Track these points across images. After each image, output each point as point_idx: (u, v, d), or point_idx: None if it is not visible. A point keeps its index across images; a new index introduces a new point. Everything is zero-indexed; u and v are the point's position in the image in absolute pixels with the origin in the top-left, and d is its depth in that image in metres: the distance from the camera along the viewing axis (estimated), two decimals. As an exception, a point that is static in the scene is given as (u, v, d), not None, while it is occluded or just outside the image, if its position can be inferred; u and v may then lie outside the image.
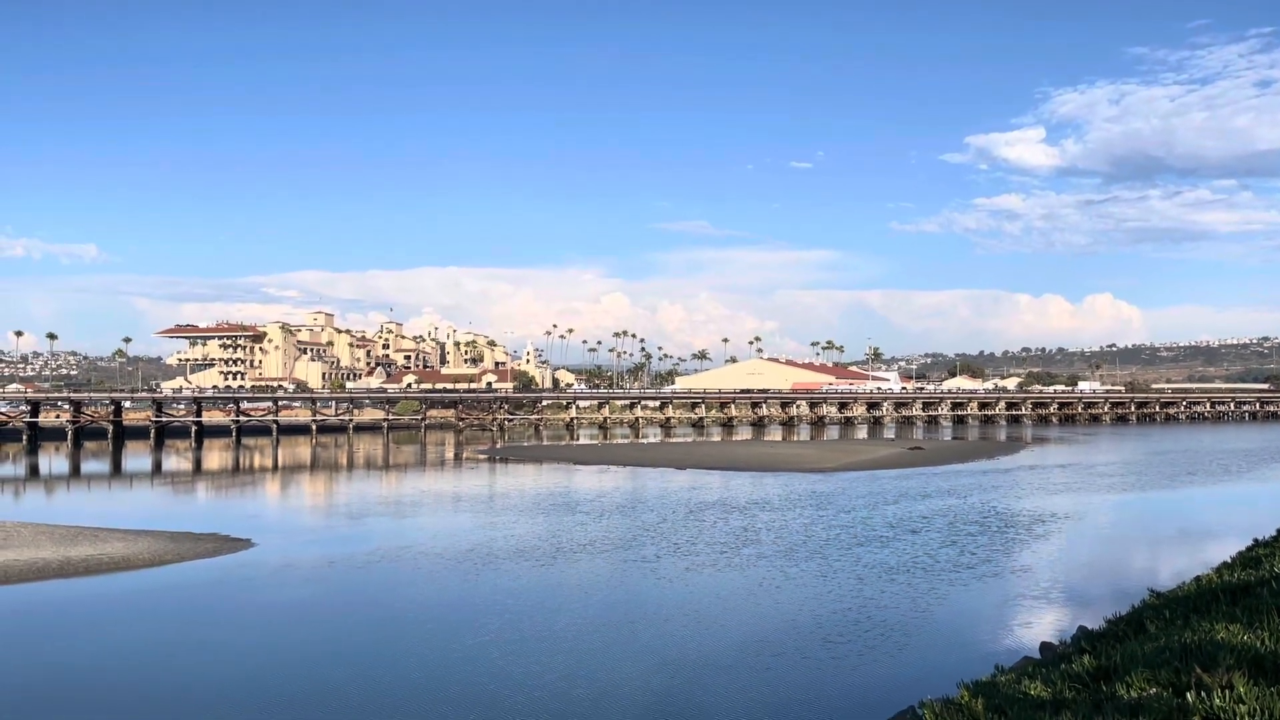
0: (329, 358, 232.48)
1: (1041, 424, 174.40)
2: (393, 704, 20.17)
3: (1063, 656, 14.38)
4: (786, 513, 49.82)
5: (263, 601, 30.80)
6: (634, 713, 19.64)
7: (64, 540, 39.42)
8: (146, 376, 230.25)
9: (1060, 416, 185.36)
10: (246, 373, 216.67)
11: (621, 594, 31.10)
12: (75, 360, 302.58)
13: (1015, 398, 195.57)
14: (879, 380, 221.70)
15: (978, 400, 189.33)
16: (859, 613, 27.80)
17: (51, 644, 25.55)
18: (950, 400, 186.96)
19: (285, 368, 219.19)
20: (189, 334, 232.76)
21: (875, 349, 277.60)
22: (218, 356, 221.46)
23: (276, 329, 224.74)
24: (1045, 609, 28.99)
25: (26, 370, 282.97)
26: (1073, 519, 48.21)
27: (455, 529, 45.59)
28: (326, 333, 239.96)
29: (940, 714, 10.93)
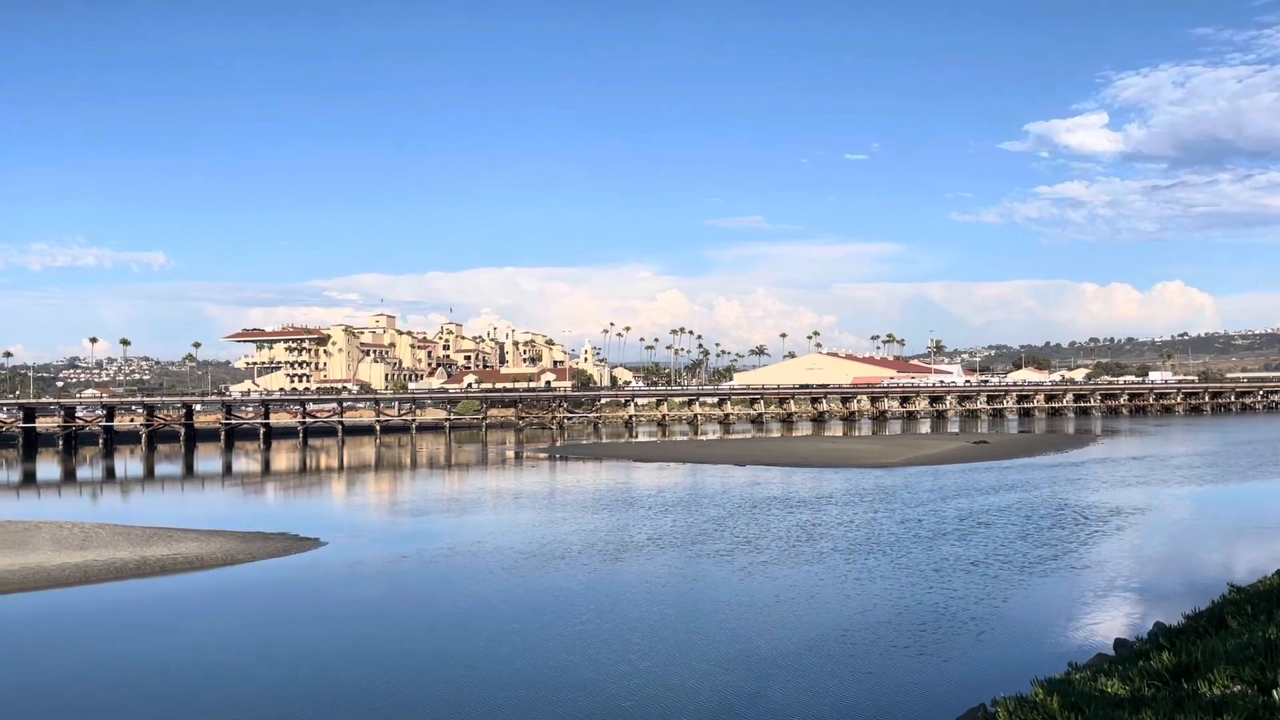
0: (391, 359, 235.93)
1: (1111, 416, 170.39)
2: (460, 701, 20.41)
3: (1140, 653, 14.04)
4: (850, 508, 49.36)
5: (333, 599, 31.37)
6: (701, 709, 19.62)
7: (140, 541, 40.57)
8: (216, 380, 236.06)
9: (1130, 408, 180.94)
10: (311, 375, 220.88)
11: (686, 591, 31.08)
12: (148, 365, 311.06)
13: (1083, 389, 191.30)
14: (942, 374, 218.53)
15: (1044, 392, 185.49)
16: (927, 608, 27.44)
17: (132, 642, 26.33)
18: (1015, 393, 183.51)
19: (349, 370, 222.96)
20: (256, 338, 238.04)
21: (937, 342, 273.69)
22: (284, 359, 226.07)
23: (340, 332, 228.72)
24: (1119, 605, 28.33)
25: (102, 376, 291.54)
26: (1146, 513, 47.04)
27: (518, 526, 45.98)
28: (388, 334, 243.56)
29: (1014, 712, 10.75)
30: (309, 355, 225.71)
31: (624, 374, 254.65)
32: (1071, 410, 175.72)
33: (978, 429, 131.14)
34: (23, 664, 24.24)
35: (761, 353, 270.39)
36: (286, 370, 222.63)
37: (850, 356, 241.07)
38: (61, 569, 34.65)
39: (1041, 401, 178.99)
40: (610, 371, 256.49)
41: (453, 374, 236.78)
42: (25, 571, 34.10)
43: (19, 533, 42.19)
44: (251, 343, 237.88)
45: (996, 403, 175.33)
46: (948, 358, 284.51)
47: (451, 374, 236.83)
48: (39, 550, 37.93)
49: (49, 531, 42.56)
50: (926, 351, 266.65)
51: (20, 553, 37.33)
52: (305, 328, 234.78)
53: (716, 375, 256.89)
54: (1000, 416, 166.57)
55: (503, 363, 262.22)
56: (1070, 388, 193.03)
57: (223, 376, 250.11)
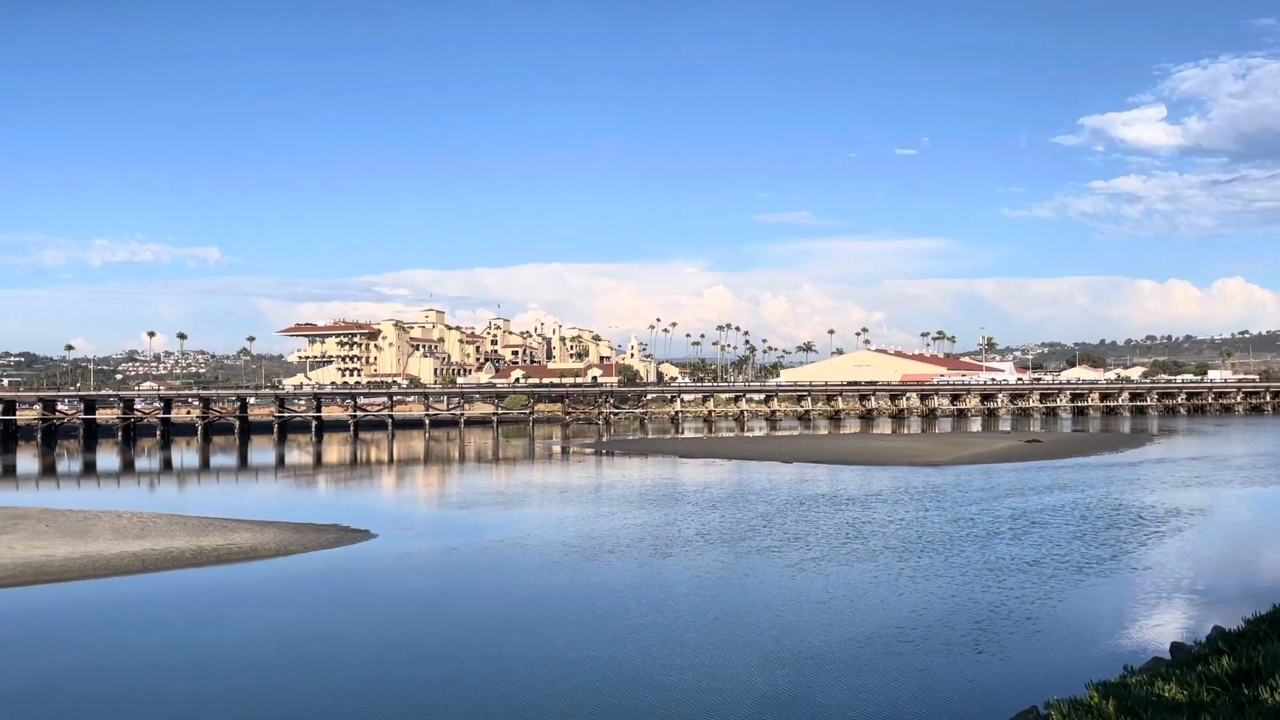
0: (440, 354, 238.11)
1: (1168, 415, 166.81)
2: (508, 693, 20.58)
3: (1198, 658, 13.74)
4: (900, 506, 48.90)
5: (384, 590, 31.78)
6: (748, 707, 19.57)
7: (196, 530, 41.43)
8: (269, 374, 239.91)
9: (1189, 407, 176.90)
10: (362, 369, 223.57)
11: (736, 586, 31.03)
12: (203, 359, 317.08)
13: (1139, 388, 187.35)
14: (993, 371, 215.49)
15: (1099, 391, 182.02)
16: (978, 609, 27.10)
17: (189, 630, 26.88)
18: (1069, 391, 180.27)
19: (399, 364, 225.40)
20: (308, 333, 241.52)
21: (988, 339, 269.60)
22: (335, 354, 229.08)
23: (390, 327, 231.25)
24: (1176, 608, 27.76)
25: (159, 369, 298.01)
26: (1205, 514, 46.01)
27: (566, 520, 46.20)
28: (437, 329, 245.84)
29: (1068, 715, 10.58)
30: (359, 350, 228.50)
31: (670, 370, 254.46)
32: (1127, 409, 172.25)
33: (1030, 428, 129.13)
34: (85, 650, 24.90)
35: (809, 349, 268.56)
36: (338, 364, 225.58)
37: (899, 353, 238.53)
38: (120, 557, 35.51)
39: (1096, 400, 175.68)
40: (656, 367, 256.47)
41: (500, 369, 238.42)
42: (86, 559, 34.99)
43: (80, 522, 43.31)
44: (304, 337, 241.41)
45: (1050, 401, 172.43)
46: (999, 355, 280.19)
47: (499, 369, 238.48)
48: (99, 539, 38.90)
49: (109, 521, 43.64)
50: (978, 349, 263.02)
51: (81, 541, 38.32)
52: (356, 322, 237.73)
53: (763, 372, 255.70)
54: (1054, 415, 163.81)
55: (549, 358, 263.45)
56: (1126, 386, 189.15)
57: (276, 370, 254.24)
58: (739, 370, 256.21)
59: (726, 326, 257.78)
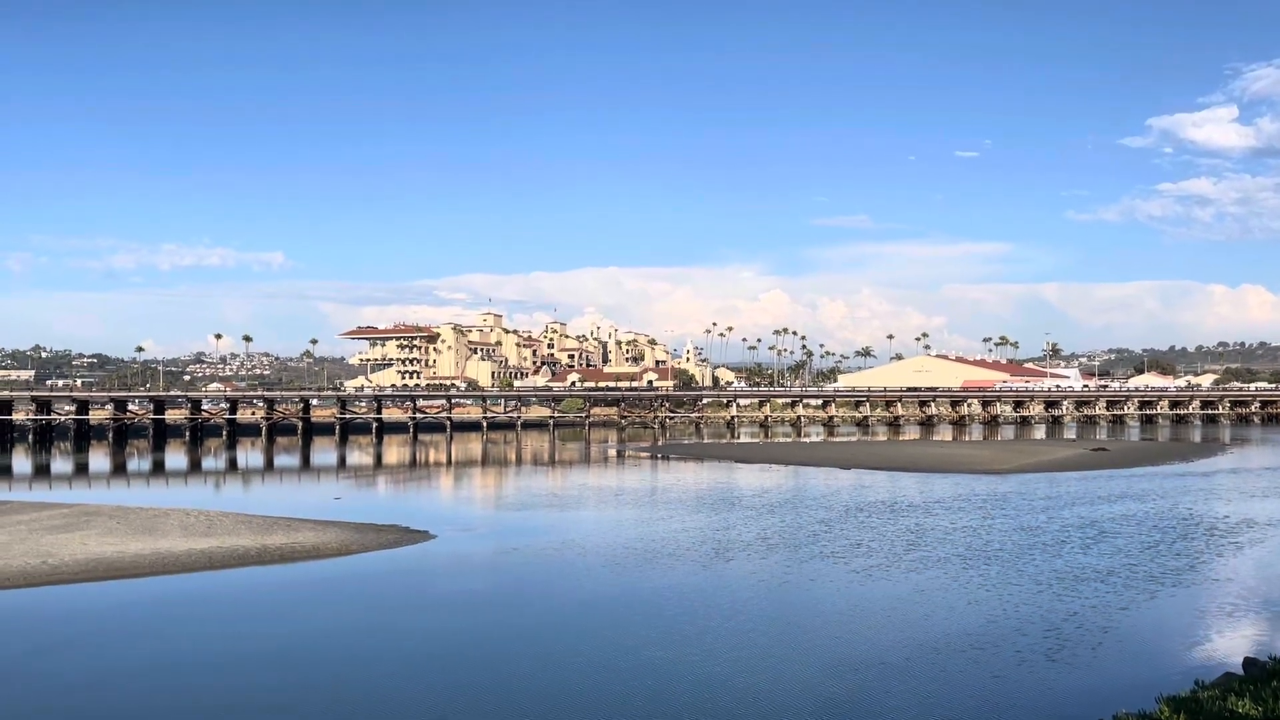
0: (498, 357, 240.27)
1: (1241, 424, 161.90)
2: (573, 695, 20.65)
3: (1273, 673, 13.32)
4: (960, 515, 48.14)
5: (444, 590, 32.15)
6: (817, 712, 19.43)
7: (260, 529, 42.28)
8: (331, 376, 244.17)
9: (1263, 416, 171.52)
10: (421, 371, 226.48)
11: (789, 594, 30.81)
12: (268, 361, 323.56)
13: (1211, 396, 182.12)
14: (1058, 377, 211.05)
15: (1168, 399, 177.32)
16: (1043, 620, 26.56)
17: (255, 625, 27.46)
18: (1137, 399, 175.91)
19: (457, 367, 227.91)
20: (369, 335, 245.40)
21: (1053, 344, 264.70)
22: (395, 356, 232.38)
23: (449, 330, 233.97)
24: (1248, 622, 26.92)
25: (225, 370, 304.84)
26: (1277, 527, 44.53)
27: (623, 523, 46.26)
28: (495, 333, 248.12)
29: (1138, 729, 10.31)
30: (419, 352, 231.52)
31: (726, 374, 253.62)
32: (1198, 417, 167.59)
33: (1096, 435, 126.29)
34: (155, 644, 25.54)
35: (867, 354, 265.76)
36: (398, 367, 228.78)
37: (960, 359, 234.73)
38: (189, 554, 36.39)
39: (1165, 408, 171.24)
40: (712, 372, 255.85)
41: (557, 372, 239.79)
42: (155, 556, 35.92)
43: (150, 519, 44.48)
44: (364, 340, 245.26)
45: (1117, 408, 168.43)
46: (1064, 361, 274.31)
47: (555, 372, 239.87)
48: (168, 536, 39.92)
49: (177, 519, 44.75)
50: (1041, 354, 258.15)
51: (151, 538, 39.35)
52: (415, 326, 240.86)
53: (820, 377, 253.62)
54: (1121, 423, 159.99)
55: (605, 362, 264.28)
56: (1197, 394, 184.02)
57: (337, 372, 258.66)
58: (795, 375, 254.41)
59: (783, 331, 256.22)
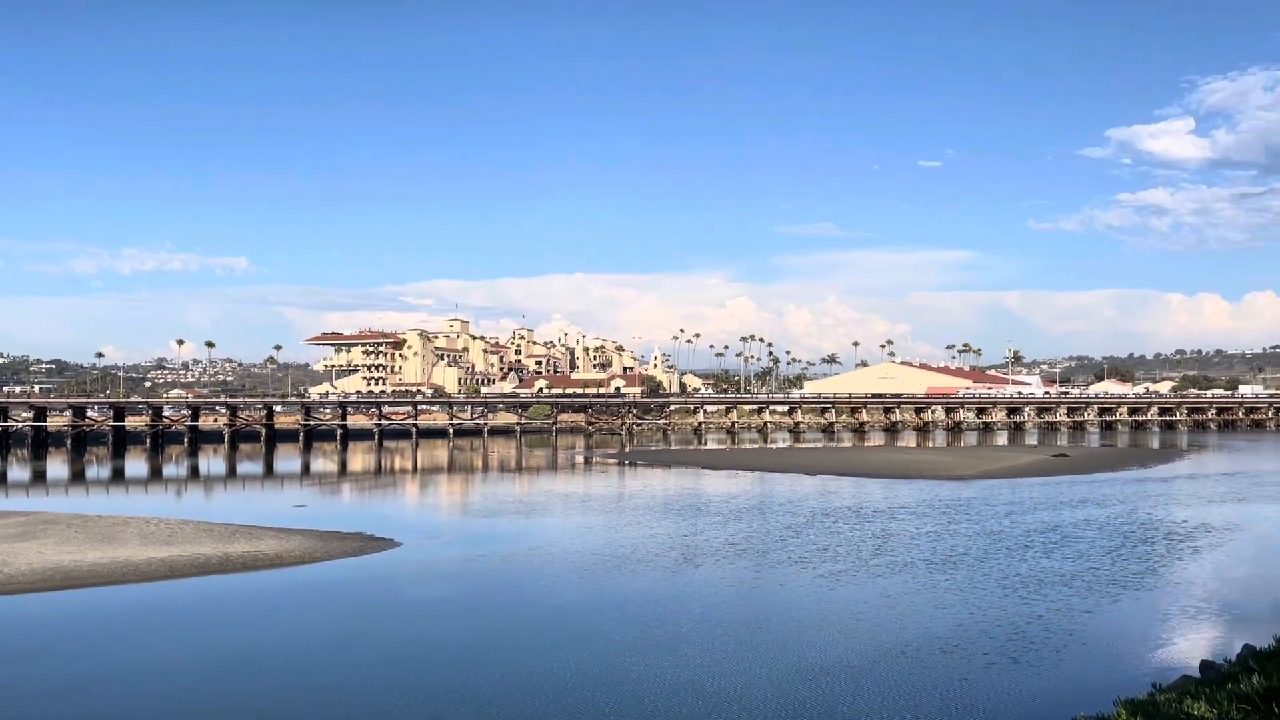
0: (464, 363, 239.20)
1: (1198, 430, 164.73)
2: (534, 703, 20.58)
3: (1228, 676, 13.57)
4: (924, 520, 48.58)
5: (409, 599, 31.94)
6: (788, 717, 19.50)
7: (223, 538, 41.78)
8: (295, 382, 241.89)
9: (1219, 423, 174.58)
10: (387, 378, 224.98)
11: (758, 599, 30.93)
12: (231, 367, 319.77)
13: (1169, 402, 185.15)
14: (1019, 384, 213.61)
15: (1127, 405, 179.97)
16: (1004, 625, 26.87)
17: (215, 635, 27.09)
18: (1097, 405, 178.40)
19: (423, 373, 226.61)
20: (334, 341, 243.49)
21: (1015, 352, 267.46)
22: (360, 363, 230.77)
23: (415, 336, 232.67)
24: (1205, 625, 27.40)
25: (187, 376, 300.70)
26: (1235, 531, 45.38)
27: (590, 530, 46.22)
28: (462, 339, 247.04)
29: (1095, 732, 10.48)
30: (385, 359, 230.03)
31: (693, 381, 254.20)
32: (1156, 424, 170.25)
33: (1057, 441, 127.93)
34: (112, 654, 25.13)
35: (833, 361, 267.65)
36: (363, 373, 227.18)
37: (925, 366, 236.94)
38: (149, 563, 35.87)
39: (1124, 414, 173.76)
40: (679, 378, 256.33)
41: (524, 379, 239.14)
42: (114, 565, 35.37)
43: (109, 527, 43.80)
44: (329, 346, 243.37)
45: (1077, 415, 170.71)
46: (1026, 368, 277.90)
47: (523, 379, 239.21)
48: (128, 545, 39.32)
49: (137, 527, 44.11)
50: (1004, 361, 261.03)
51: (110, 547, 38.75)
52: (381, 332, 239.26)
53: (787, 383, 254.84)
54: (1081, 429, 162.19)
55: (573, 368, 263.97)
56: (1155, 400, 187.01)
57: (302, 378, 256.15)
58: (762, 382, 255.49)
59: (750, 338, 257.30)
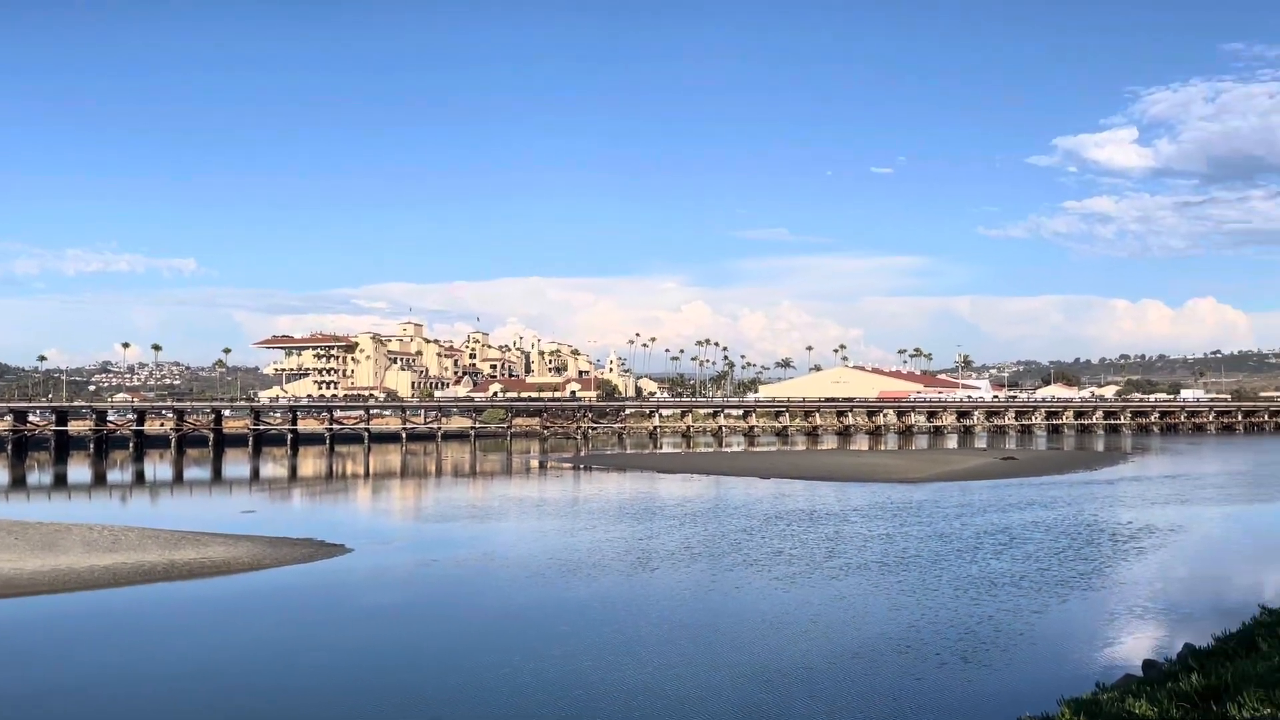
0: (418, 367, 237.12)
1: (1142, 434, 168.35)
2: (489, 709, 20.44)
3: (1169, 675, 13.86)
4: (875, 523, 49.07)
5: (359, 606, 31.55)
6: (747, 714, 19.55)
7: (169, 544, 40.99)
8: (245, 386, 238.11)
9: (1162, 426, 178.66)
10: (339, 382, 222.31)
11: (708, 603, 31.01)
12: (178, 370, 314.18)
13: (1113, 406, 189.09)
14: (969, 388, 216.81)
15: (1073, 409, 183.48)
16: (953, 626, 27.21)
17: (158, 644, 26.56)
18: (1044, 409, 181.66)
19: (376, 377, 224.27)
20: (284, 344, 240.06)
21: (965, 356, 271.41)
22: (312, 366, 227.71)
23: (368, 339, 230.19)
24: (1148, 625, 27.98)
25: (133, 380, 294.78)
26: (1178, 533, 46.43)
27: (544, 535, 46.05)
28: (415, 343, 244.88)
29: (1040, 731, 10.64)
30: (337, 362, 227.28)
31: (649, 385, 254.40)
32: (1101, 427, 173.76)
33: (1006, 445, 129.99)
34: (50, 665, 24.51)
35: (787, 365, 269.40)
36: (314, 377, 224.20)
37: (877, 370, 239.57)
38: (91, 571, 35.06)
39: (1071, 418, 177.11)
40: (635, 382, 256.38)
41: (478, 383, 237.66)
42: (55, 573, 34.53)
43: (50, 534, 42.75)
44: (280, 349, 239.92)
45: (1025, 419, 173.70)
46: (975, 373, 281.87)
47: (477, 383, 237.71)
48: (69, 552, 38.40)
49: (79, 534, 43.10)
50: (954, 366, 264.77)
51: (51, 554, 37.82)
52: (333, 335, 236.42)
53: (741, 387, 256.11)
54: (1029, 433, 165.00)
55: (528, 372, 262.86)
56: (1100, 404, 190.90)
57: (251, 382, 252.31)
58: (717, 386, 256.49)
59: (705, 342, 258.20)
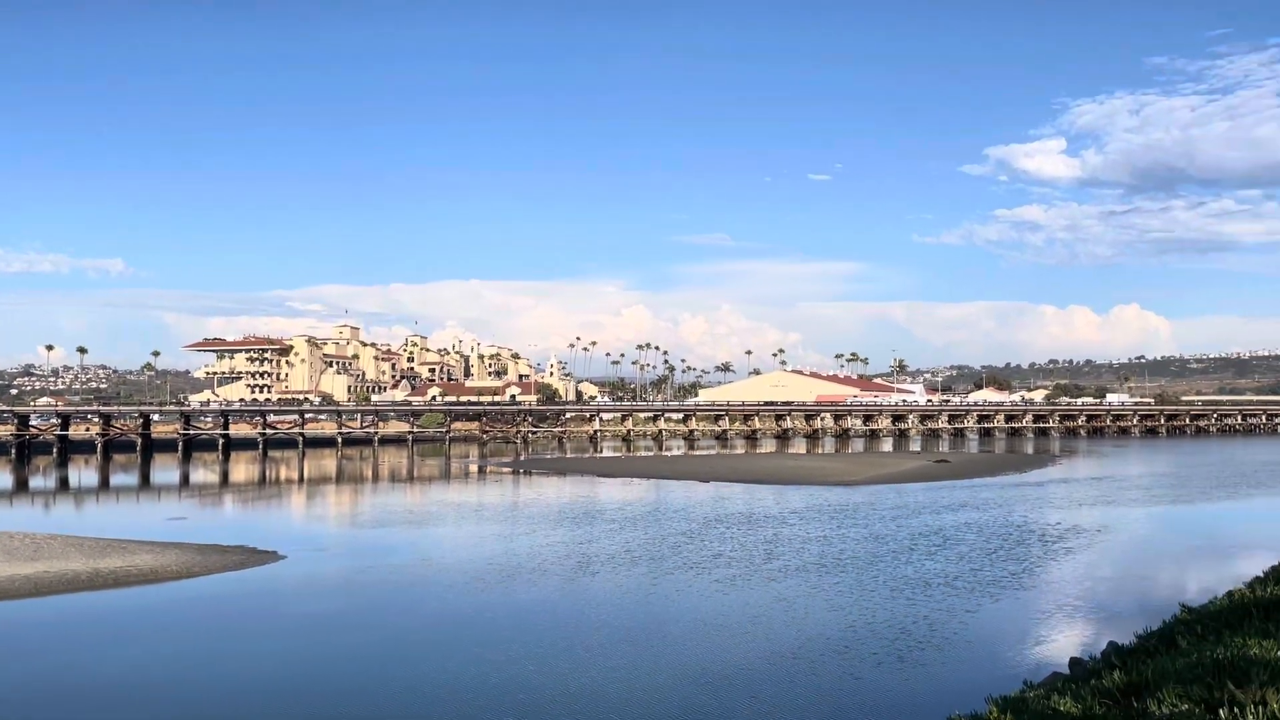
0: (354, 371, 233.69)
1: (1069, 437, 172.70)
2: (428, 716, 20.23)
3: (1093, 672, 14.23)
4: (812, 526, 49.62)
5: (292, 614, 31.01)
6: None
7: (94, 552, 39.84)
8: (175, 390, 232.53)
9: (1088, 429, 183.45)
10: (273, 386, 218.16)
11: (649, 606, 31.07)
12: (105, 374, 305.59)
13: (1042, 410, 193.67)
14: (904, 393, 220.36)
15: (1004, 413, 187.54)
16: (887, 626, 27.64)
17: (82, 656, 25.82)
18: (976, 413, 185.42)
19: (311, 381, 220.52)
20: (216, 348, 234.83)
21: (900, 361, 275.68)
22: (245, 370, 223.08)
23: (303, 342, 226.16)
24: (1076, 624, 28.72)
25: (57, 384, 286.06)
26: (1103, 533, 47.72)
27: (480, 541, 45.71)
28: (352, 346, 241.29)
29: (969, 730, 10.86)
30: (270, 366, 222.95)
31: (589, 389, 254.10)
32: (1031, 430, 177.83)
33: (939, 448, 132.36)
34: (-31, 678, 23.68)
35: (727, 369, 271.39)
36: (247, 381, 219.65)
37: (815, 374, 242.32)
38: (11, 580, 33.93)
39: (1001, 421, 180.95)
40: (576, 386, 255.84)
41: (416, 387, 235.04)
42: (-26, 583, 33.35)
43: (-32, 543, 41.26)
44: (211, 352, 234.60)
45: (958, 422, 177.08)
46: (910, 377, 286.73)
47: (415, 387, 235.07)
48: (-11, 561, 37.10)
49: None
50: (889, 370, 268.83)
51: (-31, 564, 36.50)
52: (267, 338, 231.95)
53: (682, 391, 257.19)
54: (961, 436, 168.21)
55: (467, 376, 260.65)
56: (1030, 408, 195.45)
57: (182, 386, 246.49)
58: (658, 390, 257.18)
59: (646, 346, 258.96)
